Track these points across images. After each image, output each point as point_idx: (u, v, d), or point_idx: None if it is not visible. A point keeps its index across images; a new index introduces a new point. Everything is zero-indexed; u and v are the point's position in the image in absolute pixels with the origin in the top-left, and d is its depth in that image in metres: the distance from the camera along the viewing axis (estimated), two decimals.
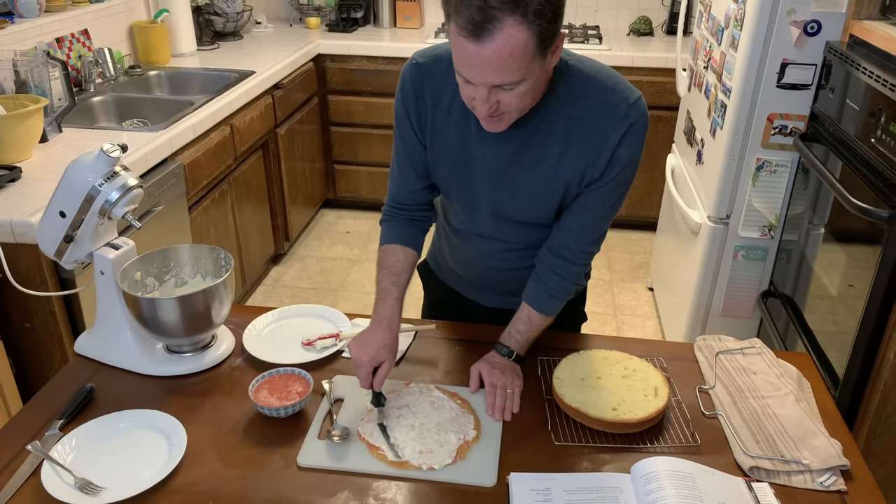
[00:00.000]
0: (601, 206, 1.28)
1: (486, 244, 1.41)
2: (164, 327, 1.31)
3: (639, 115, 1.20)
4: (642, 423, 1.22)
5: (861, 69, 1.78)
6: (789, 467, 1.15)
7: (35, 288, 1.78)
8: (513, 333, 1.36)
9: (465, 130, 1.26)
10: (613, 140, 1.20)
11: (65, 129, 2.34)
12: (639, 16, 3.89)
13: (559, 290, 1.35)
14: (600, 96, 1.20)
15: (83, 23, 2.84)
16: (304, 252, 3.69)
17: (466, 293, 1.56)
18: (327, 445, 1.18)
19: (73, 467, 1.11)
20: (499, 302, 1.52)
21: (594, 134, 1.20)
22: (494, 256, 1.43)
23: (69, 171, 1.29)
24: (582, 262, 1.35)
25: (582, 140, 1.21)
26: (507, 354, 1.34)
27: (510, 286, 1.45)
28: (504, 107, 1.11)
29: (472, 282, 1.53)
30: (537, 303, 1.35)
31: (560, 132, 1.22)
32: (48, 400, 1.28)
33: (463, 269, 1.52)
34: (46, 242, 1.35)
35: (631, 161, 1.24)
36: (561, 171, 1.24)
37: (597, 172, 1.23)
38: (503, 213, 1.33)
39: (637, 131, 1.21)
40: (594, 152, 1.21)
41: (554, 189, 1.26)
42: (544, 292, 1.35)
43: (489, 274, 1.48)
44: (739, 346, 1.45)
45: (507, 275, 1.45)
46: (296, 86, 3.38)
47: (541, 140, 1.23)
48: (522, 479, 1.12)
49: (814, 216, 2.13)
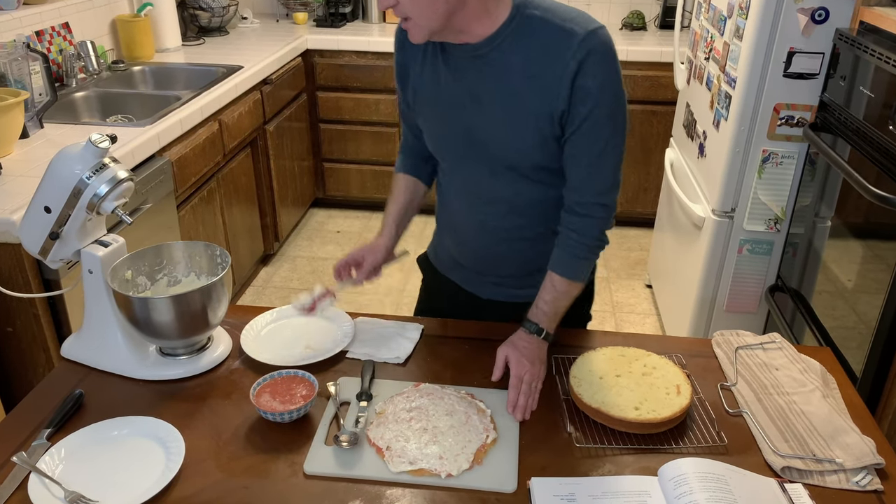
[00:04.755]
0: (591, 148, 1.23)
1: (474, 206, 1.38)
2: (157, 329, 1.24)
3: (598, 43, 1.16)
4: (666, 423, 1.16)
5: (877, 55, 1.74)
6: (822, 467, 1.10)
7: (17, 289, 1.71)
8: (539, 306, 1.30)
9: (435, 73, 1.28)
10: (572, 67, 1.15)
11: (46, 125, 2.25)
12: (631, 10, 3.85)
13: (578, 248, 1.30)
14: (558, 24, 1.17)
15: (64, 16, 2.74)
16: (294, 252, 3.62)
17: (464, 284, 1.52)
18: (335, 451, 1.11)
19: (63, 480, 1.04)
20: (497, 293, 1.48)
21: (552, 63, 1.17)
22: (485, 223, 1.39)
23: (55, 164, 1.21)
24: (597, 215, 1.29)
25: (541, 71, 1.18)
26: (537, 332, 1.28)
27: (506, 266, 1.43)
28: (402, 9, 1.14)
29: (470, 268, 1.49)
30: (559, 265, 1.30)
31: (518, 65, 1.20)
32: (34, 408, 1.21)
33: (460, 250, 1.48)
34: (30, 240, 1.27)
35: (602, 93, 1.18)
36: (525, 104, 1.21)
37: (562, 103, 1.18)
38: (485, 158, 1.30)
39: (598, 60, 1.16)
40: (554, 82, 1.18)
41: (524, 124, 1.23)
42: (565, 254, 1.30)
43: (484, 250, 1.43)
44: (759, 341, 1.40)
45: (501, 249, 1.41)
46: (284, 82, 3.31)
47: (499, 74, 1.21)
48: (545, 484, 1.06)
49: (821, 208, 2.09)
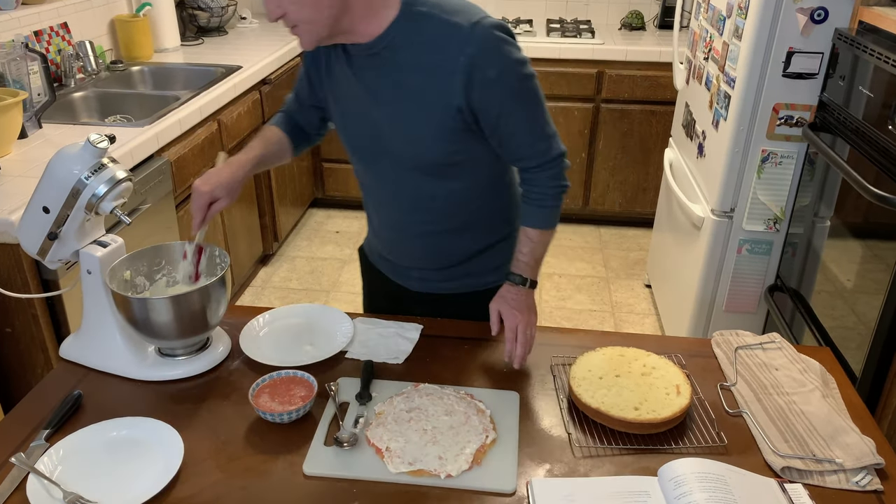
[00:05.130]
0: (519, 126, 1.26)
1: (384, 201, 1.41)
2: (156, 329, 1.23)
3: (483, 33, 1.18)
4: (666, 423, 1.16)
5: (876, 55, 1.74)
6: (822, 467, 1.10)
7: (16, 290, 1.71)
8: (518, 258, 1.36)
9: (342, 74, 1.30)
10: (462, 62, 1.18)
11: (45, 125, 2.24)
12: (630, 10, 3.85)
13: (542, 199, 1.33)
14: (444, 18, 1.19)
15: (62, 15, 2.74)
16: (293, 252, 3.61)
17: (392, 276, 1.54)
18: (335, 452, 1.11)
19: (62, 481, 1.04)
20: (422, 286, 1.50)
21: (442, 59, 1.19)
22: (395, 218, 1.42)
23: (53, 164, 1.21)
24: (552, 167, 1.32)
25: (432, 67, 1.20)
26: (521, 283, 1.34)
27: (421, 258, 1.45)
28: (289, 18, 1.14)
29: (393, 260, 1.51)
30: (530, 219, 1.35)
31: (409, 62, 1.22)
32: (32, 408, 1.21)
33: (377, 240, 1.52)
34: (29, 240, 1.27)
35: (506, 79, 1.21)
36: (423, 100, 1.23)
37: (459, 98, 1.20)
38: (386, 157, 1.32)
39: (490, 48, 1.18)
40: (447, 77, 1.20)
41: (424, 120, 1.25)
42: (532, 207, 1.35)
43: (397, 242, 1.46)
44: (759, 341, 1.40)
45: (415, 243, 1.43)
46: (283, 81, 3.30)
47: (395, 72, 1.23)
48: (545, 484, 1.06)
49: (820, 208, 2.09)
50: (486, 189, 1.38)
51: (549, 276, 3.37)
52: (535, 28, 3.75)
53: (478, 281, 1.46)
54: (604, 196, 3.75)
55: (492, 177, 1.38)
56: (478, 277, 1.46)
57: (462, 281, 1.46)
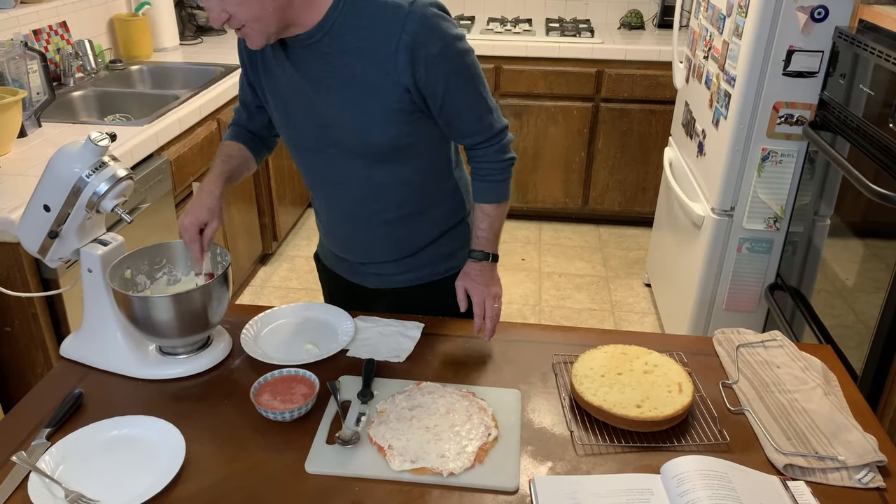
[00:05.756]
0: (465, 104, 1.28)
1: (334, 193, 1.41)
2: (157, 328, 1.23)
3: (423, 11, 1.19)
4: (668, 421, 1.16)
5: (876, 53, 1.74)
6: (825, 464, 1.10)
7: (15, 289, 1.70)
8: (478, 234, 1.39)
9: (276, 64, 1.30)
10: (405, 40, 1.19)
11: (44, 124, 2.24)
12: (629, 9, 3.85)
13: (493, 173, 1.36)
14: (380, 2, 1.20)
15: (61, 14, 2.73)
16: (292, 252, 3.61)
17: (350, 276, 1.54)
18: (337, 450, 1.10)
19: (63, 479, 1.04)
20: (380, 281, 1.50)
21: (384, 40, 1.20)
22: (345, 210, 1.42)
23: (54, 162, 1.21)
24: (497, 141, 1.34)
25: (375, 49, 1.21)
26: (483, 258, 1.38)
27: (380, 252, 1.46)
28: (236, 20, 1.14)
29: (345, 258, 1.51)
30: (483, 195, 1.38)
31: (352, 46, 1.22)
32: (33, 407, 1.20)
33: (335, 242, 1.51)
34: (29, 239, 1.27)
35: (448, 52, 1.22)
36: (370, 83, 1.23)
37: (405, 78, 1.21)
38: (334, 145, 1.32)
39: (429, 26, 1.20)
40: (390, 57, 1.20)
41: (374, 105, 1.25)
42: (484, 183, 1.37)
43: (349, 234, 1.46)
44: (760, 339, 1.40)
45: (370, 235, 1.43)
46: None
47: (337, 58, 1.23)
48: (547, 482, 1.05)
49: (820, 207, 2.09)
50: (435, 173, 1.39)
51: (548, 275, 3.37)
52: (534, 27, 3.75)
53: (433, 270, 1.47)
54: (603, 195, 3.75)
55: (440, 160, 1.39)
56: (433, 266, 1.47)
57: (419, 272, 1.47)
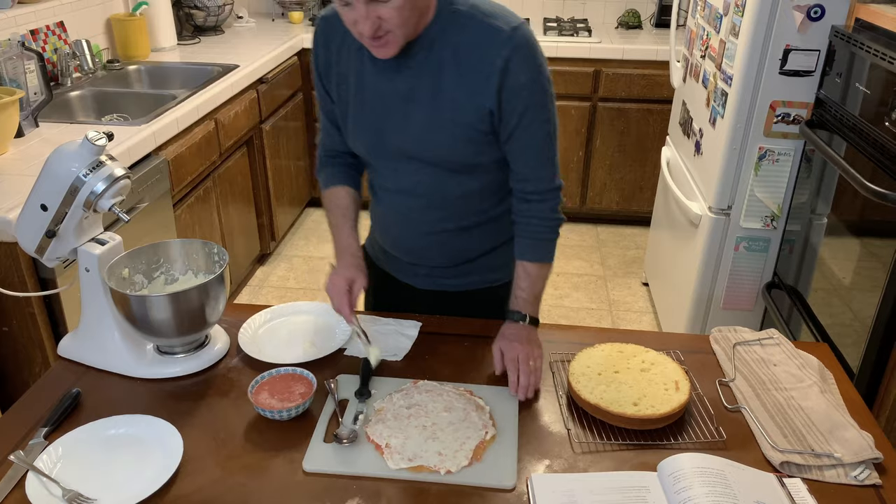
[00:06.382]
0: (533, 141, 1.27)
1: (399, 201, 1.39)
2: (155, 327, 1.23)
3: (521, 39, 1.20)
4: (665, 419, 1.16)
5: (872, 52, 1.75)
6: (821, 461, 1.10)
7: (13, 289, 1.70)
8: (517, 294, 1.34)
9: (361, 71, 1.28)
10: (498, 65, 1.19)
11: (42, 124, 2.24)
12: (627, 9, 3.85)
13: (538, 231, 1.34)
14: (482, 21, 1.20)
15: (58, 14, 2.73)
16: (290, 252, 3.61)
17: (398, 275, 1.52)
18: (334, 449, 1.11)
19: (61, 478, 1.04)
20: (430, 283, 1.49)
21: (480, 60, 1.20)
22: (408, 217, 1.40)
23: (51, 161, 1.21)
24: (548, 198, 1.33)
25: (469, 68, 1.21)
26: (520, 319, 1.32)
27: (432, 257, 1.44)
28: (386, 24, 1.12)
29: (400, 258, 1.49)
30: (526, 253, 1.34)
31: (448, 62, 1.22)
32: (31, 406, 1.20)
33: (386, 239, 1.50)
34: (27, 238, 1.27)
35: (534, 85, 1.22)
36: (456, 102, 1.23)
37: (490, 101, 1.21)
38: (411, 156, 1.31)
39: (525, 54, 1.20)
40: (482, 79, 1.20)
41: (454, 122, 1.24)
42: (528, 240, 1.34)
43: (409, 241, 1.44)
44: (757, 337, 1.41)
45: (425, 241, 1.42)
46: (280, 81, 3.30)
47: (432, 72, 1.23)
48: (545, 480, 1.06)
49: (817, 205, 2.10)
50: (499, 189, 1.37)
51: None
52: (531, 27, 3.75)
53: (483, 278, 1.46)
54: (601, 195, 3.75)
55: (506, 179, 1.36)
56: (483, 275, 1.46)
57: (468, 278, 1.46)
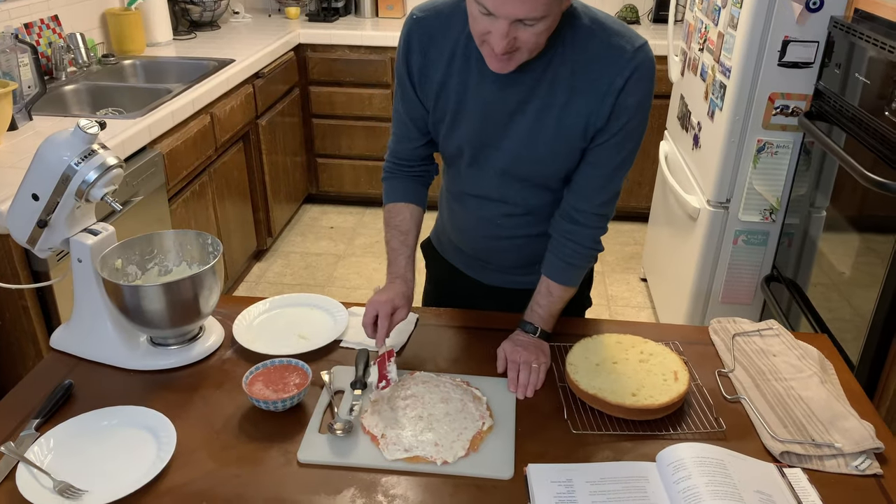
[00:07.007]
0: (610, 161, 1.23)
1: (485, 206, 1.36)
2: (148, 318, 1.22)
3: (644, 60, 1.16)
4: (664, 409, 1.15)
5: (872, 41, 1.73)
6: (821, 451, 1.09)
7: (5, 281, 1.68)
8: (535, 308, 1.31)
9: (466, 80, 1.22)
10: (618, 84, 1.16)
11: (35, 117, 2.22)
12: (625, 4, 3.84)
13: (574, 256, 1.30)
14: (606, 40, 1.16)
15: (52, 8, 2.71)
16: (287, 248, 3.59)
17: (467, 270, 1.50)
18: (329, 439, 1.09)
19: (52, 469, 1.02)
20: (500, 280, 1.47)
21: (599, 79, 1.16)
22: (493, 221, 1.37)
23: (42, 150, 1.19)
24: (595, 225, 1.30)
25: (587, 86, 1.17)
26: (532, 331, 1.30)
27: (509, 258, 1.42)
28: (519, 44, 1.08)
29: (472, 255, 1.47)
30: (554, 273, 1.31)
31: (565, 78, 1.18)
32: (23, 398, 1.19)
33: (462, 239, 1.46)
34: (18, 229, 1.25)
35: (638, 109, 1.19)
36: (565, 118, 1.20)
37: (601, 121, 1.18)
38: (507, 168, 1.28)
39: (643, 76, 1.17)
40: (598, 98, 1.17)
41: (557, 138, 1.22)
42: (560, 261, 1.31)
43: (488, 243, 1.42)
44: (756, 328, 1.40)
45: (505, 244, 1.40)
46: (276, 76, 3.28)
47: (546, 86, 1.19)
48: (542, 470, 1.04)
49: (816, 198, 2.09)
50: None
51: None
52: None
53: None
54: None
55: None
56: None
57: (536, 276, 1.37)
